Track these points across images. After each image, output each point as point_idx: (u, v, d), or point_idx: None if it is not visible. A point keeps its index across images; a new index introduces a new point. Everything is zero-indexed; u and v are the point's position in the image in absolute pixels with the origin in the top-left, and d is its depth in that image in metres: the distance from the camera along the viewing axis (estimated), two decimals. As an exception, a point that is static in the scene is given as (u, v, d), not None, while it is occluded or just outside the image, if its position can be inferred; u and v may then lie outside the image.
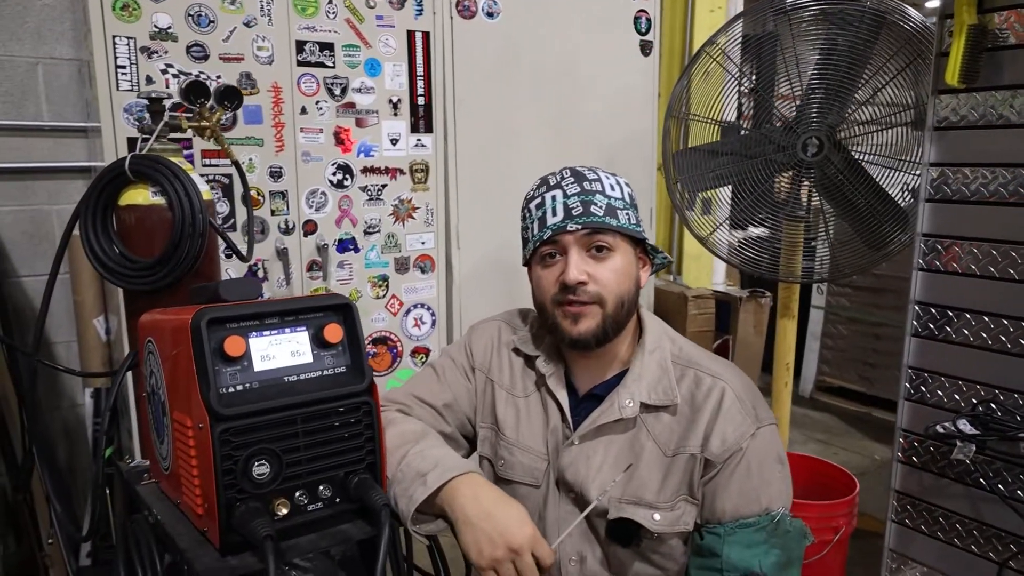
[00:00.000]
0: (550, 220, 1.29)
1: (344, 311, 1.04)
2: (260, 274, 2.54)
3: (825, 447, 3.85)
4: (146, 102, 1.41)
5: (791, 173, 2.50)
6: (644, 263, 1.37)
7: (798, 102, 2.44)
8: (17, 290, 2.64)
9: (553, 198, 1.30)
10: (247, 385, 0.95)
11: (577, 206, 1.27)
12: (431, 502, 1.13)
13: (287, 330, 1.00)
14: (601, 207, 1.27)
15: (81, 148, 2.68)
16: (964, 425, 1.80)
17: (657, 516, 1.24)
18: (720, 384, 1.26)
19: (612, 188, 1.31)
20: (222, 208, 2.42)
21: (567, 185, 1.30)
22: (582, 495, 1.30)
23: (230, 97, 1.73)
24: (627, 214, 1.30)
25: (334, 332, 1.01)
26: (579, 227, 1.26)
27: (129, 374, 1.29)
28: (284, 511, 0.95)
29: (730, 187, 2.62)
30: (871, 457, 3.73)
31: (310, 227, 2.61)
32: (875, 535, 2.75)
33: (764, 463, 1.22)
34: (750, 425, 1.23)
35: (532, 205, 1.34)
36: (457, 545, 1.10)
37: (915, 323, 1.96)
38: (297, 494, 0.97)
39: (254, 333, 0.97)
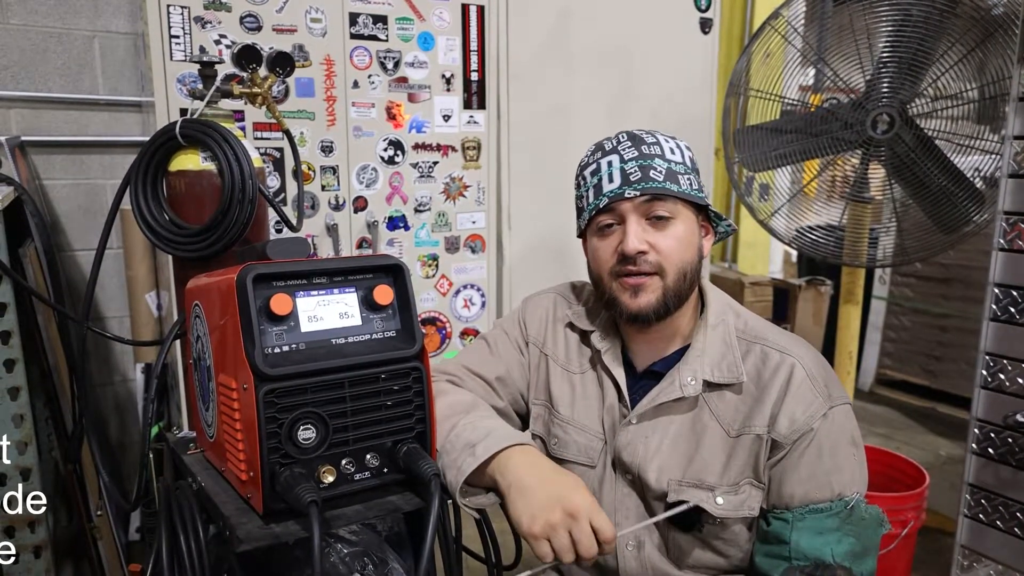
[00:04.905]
0: (607, 187, 1.21)
1: (395, 272, 0.99)
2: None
3: (887, 441, 3.70)
4: (198, 66, 1.38)
5: (860, 152, 2.39)
6: (707, 231, 1.29)
7: (867, 76, 2.32)
8: (72, 264, 2.66)
9: (609, 163, 1.22)
10: (293, 346, 0.91)
11: (635, 171, 1.19)
12: (481, 474, 1.07)
13: (335, 291, 0.96)
14: (661, 172, 1.19)
15: (135, 123, 2.69)
16: (1048, 415, 1.71)
17: (720, 499, 1.17)
18: (789, 360, 1.18)
19: (672, 152, 1.22)
20: (273, 182, 2.40)
21: (624, 149, 1.22)
22: (639, 477, 1.23)
23: (282, 63, 1.70)
24: (688, 179, 1.22)
25: (384, 294, 0.97)
26: (638, 193, 1.18)
27: (178, 347, 1.26)
28: (330, 479, 0.91)
29: (789, 169, 2.53)
30: (935, 453, 3.58)
31: (360, 203, 2.58)
32: (940, 532, 2.65)
33: (837, 445, 1.14)
34: (822, 405, 1.15)
35: (587, 172, 1.26)
36: (507, 521, 1.04)
37: (994, 307, 1.85)
38: (344, 462, 0.93)
39: (301, 292, 0.93)
